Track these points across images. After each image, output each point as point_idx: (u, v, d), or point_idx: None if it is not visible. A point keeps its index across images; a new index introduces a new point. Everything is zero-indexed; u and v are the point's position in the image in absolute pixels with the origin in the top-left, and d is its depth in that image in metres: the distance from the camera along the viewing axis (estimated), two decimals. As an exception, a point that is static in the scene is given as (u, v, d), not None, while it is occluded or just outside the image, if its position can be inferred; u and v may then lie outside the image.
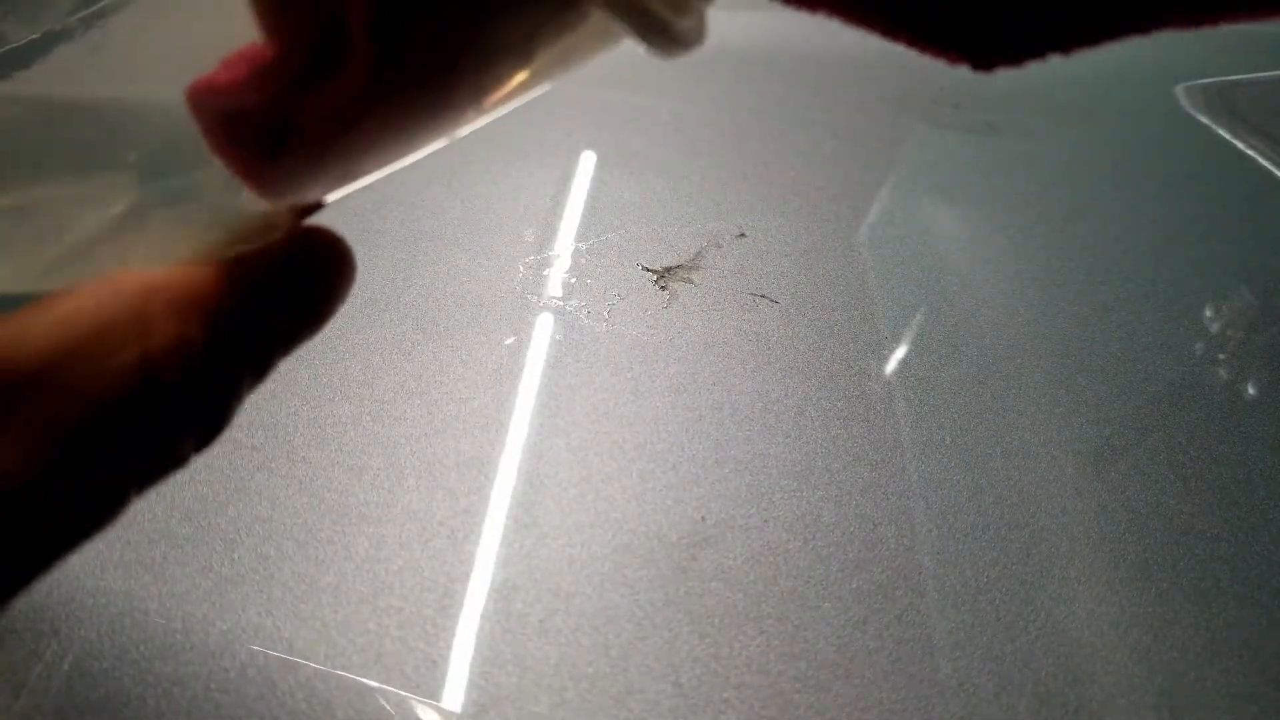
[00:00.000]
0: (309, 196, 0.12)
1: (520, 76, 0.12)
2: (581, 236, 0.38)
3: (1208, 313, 0.34)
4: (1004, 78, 0.57)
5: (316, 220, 0.13)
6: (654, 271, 0.36)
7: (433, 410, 0.28)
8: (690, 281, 0.35)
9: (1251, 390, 0.30)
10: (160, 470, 0.12)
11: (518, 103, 0.12)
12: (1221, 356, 0.32)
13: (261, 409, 0.28)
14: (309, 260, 0.13)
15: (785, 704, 0.20)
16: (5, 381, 0.10)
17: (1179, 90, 0.54)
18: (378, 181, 0.40)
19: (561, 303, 0.34)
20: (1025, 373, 0.30)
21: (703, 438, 0.28)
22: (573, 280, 0.35)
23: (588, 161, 0.44)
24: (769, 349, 0.32)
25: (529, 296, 0.34)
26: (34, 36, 0.16)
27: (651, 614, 0.22)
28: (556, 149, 0.46)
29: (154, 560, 0.23)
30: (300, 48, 0.11)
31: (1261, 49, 0.61)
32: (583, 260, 0.36)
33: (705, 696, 0.20)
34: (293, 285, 0.13)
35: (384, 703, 0.20)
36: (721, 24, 0.63)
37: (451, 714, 0.20)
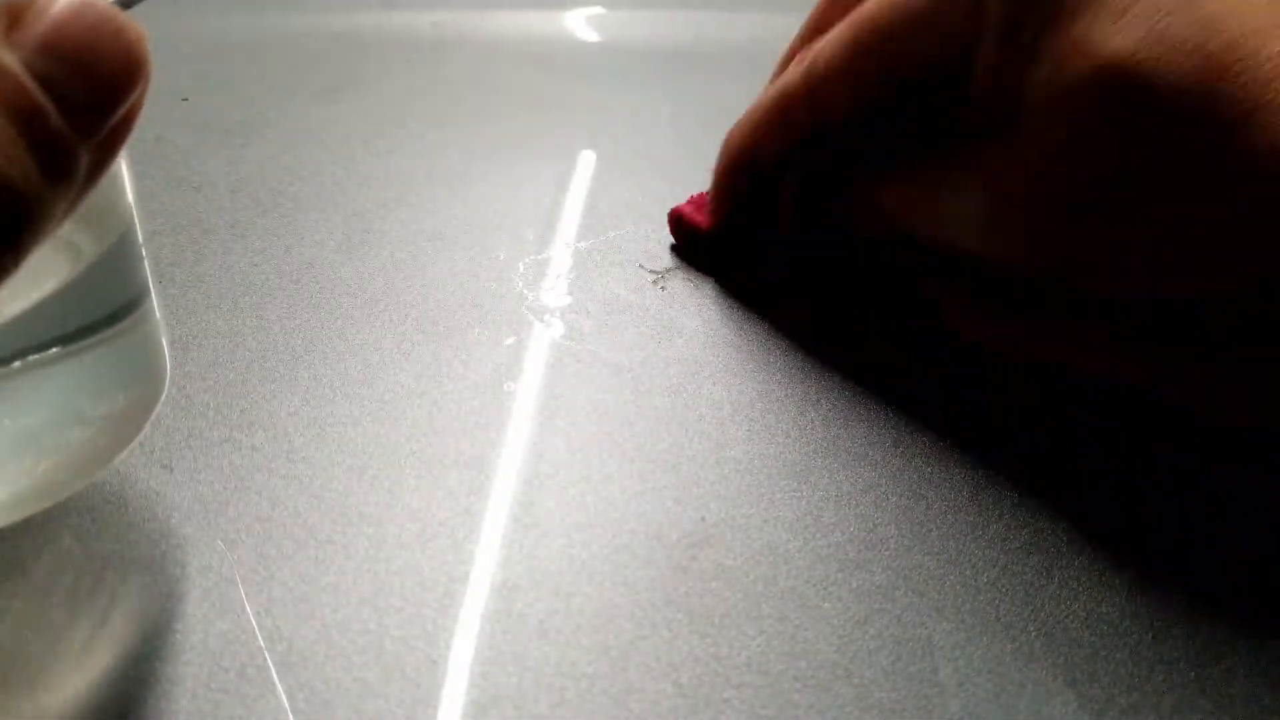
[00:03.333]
0: None
1: None
2: (581, 236, 0.38)
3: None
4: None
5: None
6: (654, 271, 0.36)
7: (433, 410, 0.28)
8: (690, 281, 0.35)
9: (1251, 390, 0.30)
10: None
11: None
12: (1221, 356, 0.32)
13: (261, 409, 0.28)
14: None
15: (785, 704, 0.20)
16: None
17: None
18: (377, 182, 0.41)
19: (562, 302, 0.34)
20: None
21: (703, 438, 0.28)
22: (573, 279, 0.35)
23: (588, 161, 0.44)
24: (769, 349, 0.32)
25: (529, 296, 0.34)
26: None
27: (651, 614, 0.22)
28: (556, 149, 0.46)
29: (154, 560, 0.23)
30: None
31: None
32: (583, 260, 0.36)
33: (705, 696, 0.20)
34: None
35: (384, 702, 0.20)
36: (722, 24, 0.63)
37: (452, 714, 0.20)
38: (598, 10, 0.65)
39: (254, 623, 0.22)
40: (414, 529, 0.24)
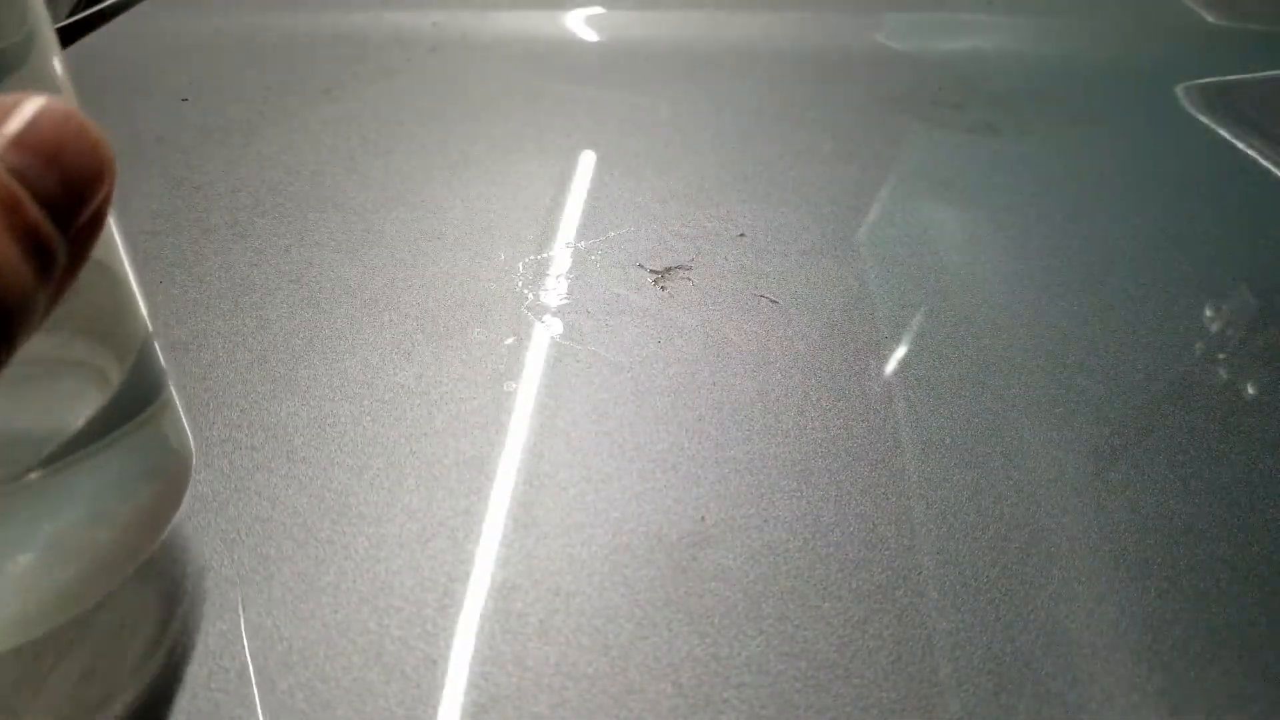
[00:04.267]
0: None
1: None
2: (581, 236, 0.38)
3: (1208, 313, 0.34)
4: (1004, 78, 0.58)
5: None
6: (654, 271, 0.36)
7: (433, 410, 0.28)
8: (690, 281, 0.35)
9: (1251, 390, 0.30)
10: None
11: None
12: (1221, 356, 0.32)
13: (261, 409, 0.28)
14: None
15: (785, 704, 0.20)
16: None
17: (1179, 90, 0.54)
18: (377, 182, 0.41)
19: (562, 302, 0.34)
20: (1025, 373, 0.30)
21: (703, 438, 0.28)
22: (573, 279, 0.35)
23: (588, 161, 0.44)
24: (769, 349, 0.32)
25: (529, 296, 0.34)
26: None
27: (651, 614, 0.22)
28: (556, 149, 0.46)
29: (154, 560, 0.23)
30: None
31: (1261, 49, 0.61)
32: (583, 260, 0.36)
33: (705, 696, 0.20)
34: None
35: (384, 702, 0.20)
36: (721, 24, 0.63)
37: (451, 714, 0.20)
38: (598, 10, 0.65)
39: (254, 623, 0.22)
40: (414, 529, 0.24)
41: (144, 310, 0.20)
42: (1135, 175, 0.45)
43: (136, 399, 0.19)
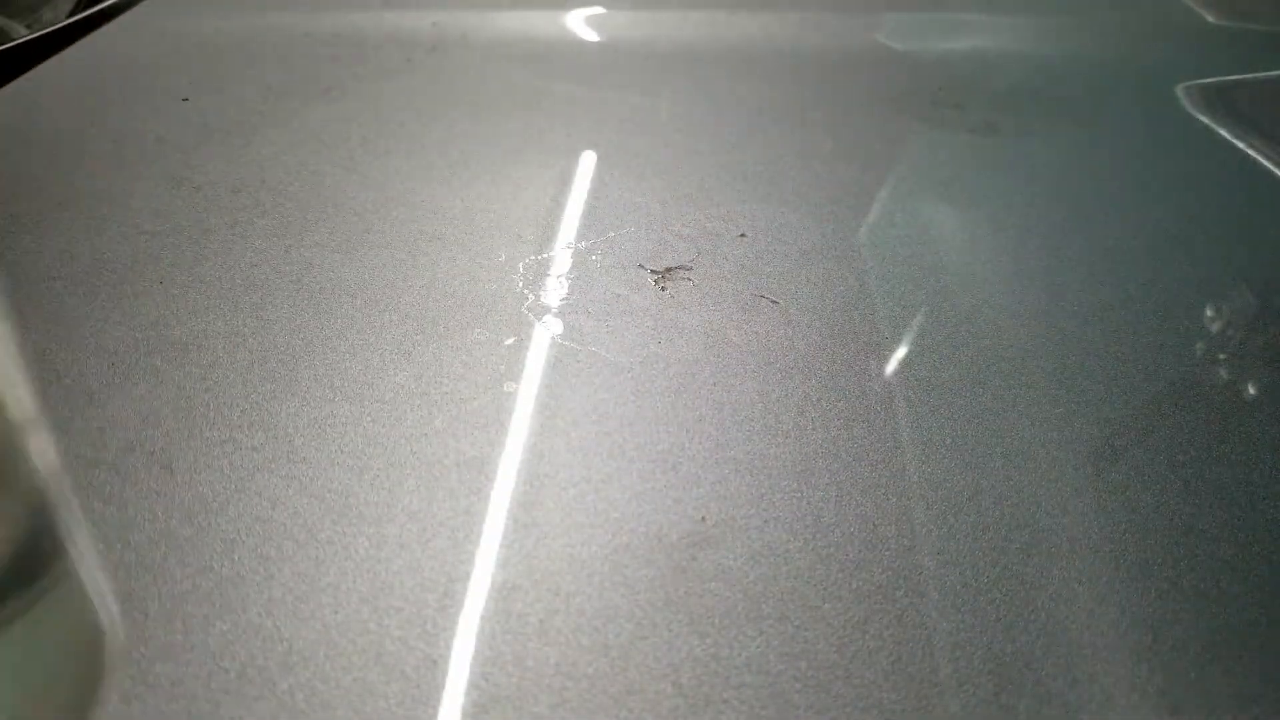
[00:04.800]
0: None
1: None
2: (581, 236, 0.38)
3: (1208, 313, 0.34)
4: (1004, 78, 0.58)
5: None
6: (654, 272, 0.36)
7: (433, 410, 0.28)
8: (690, 281, 0.35)
9: (1251, 390, 0.30)
10: None
11: None
12: (1221, 356, 0.32)
13: (261, 409, 0.28)
14: None
15: (785, 704, 0.20)
16: None
17: (1179, 90, 0.54)
18: (377, 182, 0.41)
19: (562, 302, 0.34)
20: (1025, 373, 0.30)
21: (703, 438, 0.28)
22: (573, 280, 0.35)
23: (588, 161, 0.44)
24: (769, 349, 0.32)
25: (529, 296, 0.34)
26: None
27: (651, 614, 0.22)
28: (556, 149, 0.46)
29: (154, 561, 0.23)
30: None
31: (1262, 49, 0.61)
32: (583, 260, 0.36)
33: (705, 696, 0.20)
34: None
35: (384, 702, 0.20)
36: (721, 24, 0.63)
37: (451, 714, 0.20)
38: (598, 10, 0.65)
39: (254, 623, 0.22)
40: (414, 529, 0.24)
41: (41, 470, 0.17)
42: (1135, 175, 0.45)
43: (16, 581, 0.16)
